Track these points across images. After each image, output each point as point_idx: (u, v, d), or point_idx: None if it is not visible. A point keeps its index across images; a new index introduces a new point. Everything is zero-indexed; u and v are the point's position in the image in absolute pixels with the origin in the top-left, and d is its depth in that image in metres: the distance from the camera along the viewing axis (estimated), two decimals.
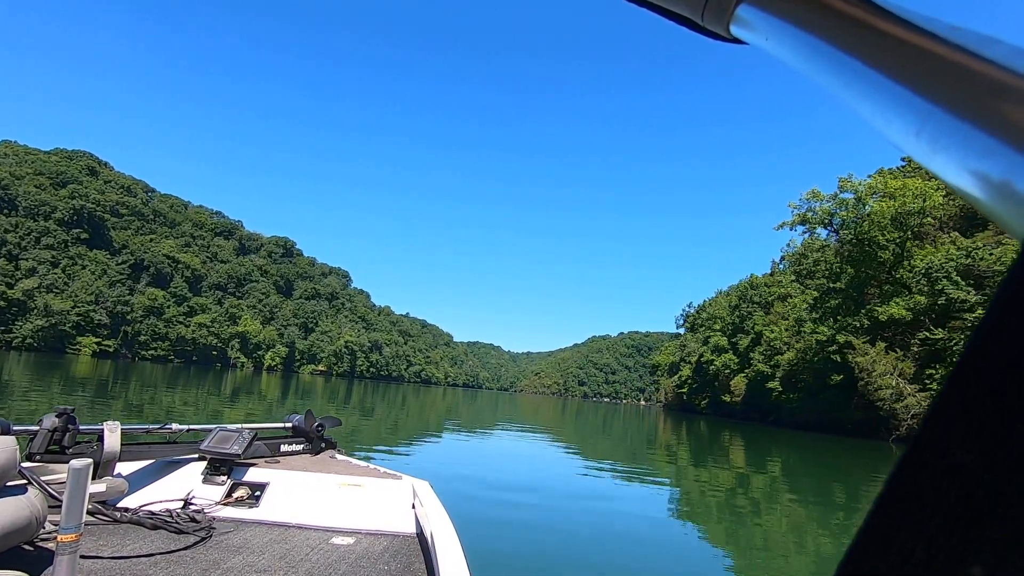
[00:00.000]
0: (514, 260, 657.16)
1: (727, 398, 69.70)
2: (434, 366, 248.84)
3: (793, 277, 59.99)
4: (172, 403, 19.37)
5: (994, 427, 0.14)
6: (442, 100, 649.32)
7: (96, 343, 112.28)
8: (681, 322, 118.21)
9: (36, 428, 2.44)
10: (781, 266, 73.43)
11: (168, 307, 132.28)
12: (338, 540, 2.59)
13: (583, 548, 6.01)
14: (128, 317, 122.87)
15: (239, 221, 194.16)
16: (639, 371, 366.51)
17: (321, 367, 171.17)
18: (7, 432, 2.14)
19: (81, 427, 2.57)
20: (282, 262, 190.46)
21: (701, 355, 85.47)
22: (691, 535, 7.42)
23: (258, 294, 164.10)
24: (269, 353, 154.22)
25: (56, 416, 2.48)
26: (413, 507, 2.92)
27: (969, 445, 0.15)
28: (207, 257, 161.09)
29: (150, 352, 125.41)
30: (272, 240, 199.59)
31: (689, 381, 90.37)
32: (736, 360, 72.28)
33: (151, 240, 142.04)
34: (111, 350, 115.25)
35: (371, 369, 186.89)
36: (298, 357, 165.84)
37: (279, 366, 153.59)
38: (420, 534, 2.73)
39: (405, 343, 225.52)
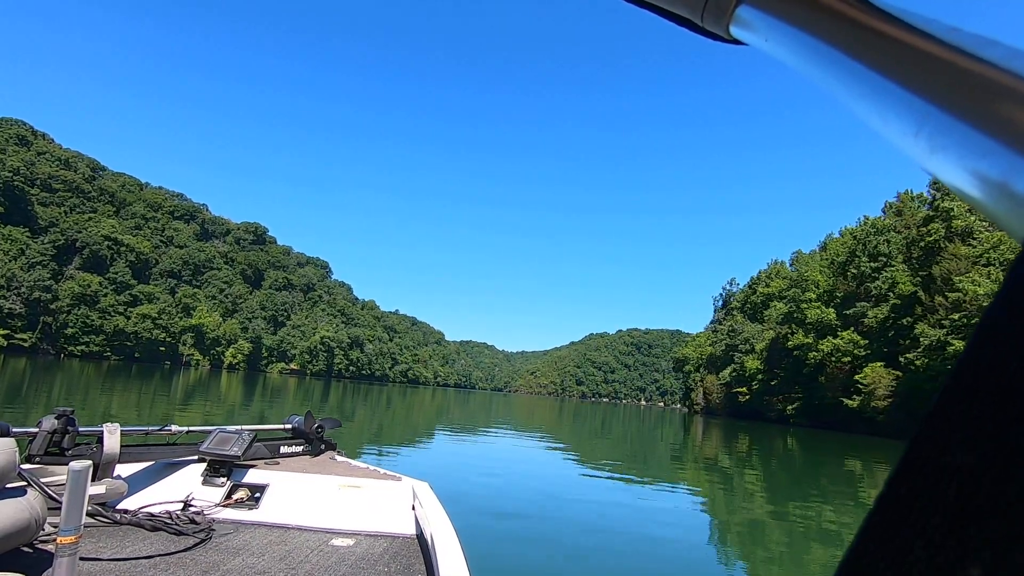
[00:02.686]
0: (508, 259, 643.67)
1: (851, 402, 46.64)
2: (422, 365, 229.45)
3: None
4: (109, 407, 16.62)
5: (993, 427, 0.14)
6: (439, 100, 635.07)
7: (5, 336, 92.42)
8: (720, 304, 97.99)
9: (35, 430, 2.42)
10: (927, 194, 51.08)
11: (105, 295, 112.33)
12: (338, 542, 2.59)
13: (584, 551, 5.90)
14: (52, 306, 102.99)
15: (203, 204, 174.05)
16: (639, 370, 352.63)
17: (293, 365, 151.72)
18: (6, 434, 2.13)
19: (80, 429, 2.56)
20: (251, 249, 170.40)
21: (782, 338, 61.81)
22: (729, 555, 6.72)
23: (219, 283, 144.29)
24: (230, 349, 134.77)
25: (55, 418, 2.46)
26: (413, 508, 2.90)
27: (968, 445, 0.14)
28: (161, 241, 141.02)
29: (79, 348, 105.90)
30: (241, 226, 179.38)
31: (759, 376, 66.64)
32: (863, 341, 49.26)
33: (89, 219, 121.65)
34: (26, 344, 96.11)
35: (351, 368, 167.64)
36: (265, 354, 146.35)
37: (242, 364, 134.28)
38: (420, 535, 2.72)
39: (390, 340, 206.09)
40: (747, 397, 69.50)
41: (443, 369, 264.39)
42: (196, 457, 3.12)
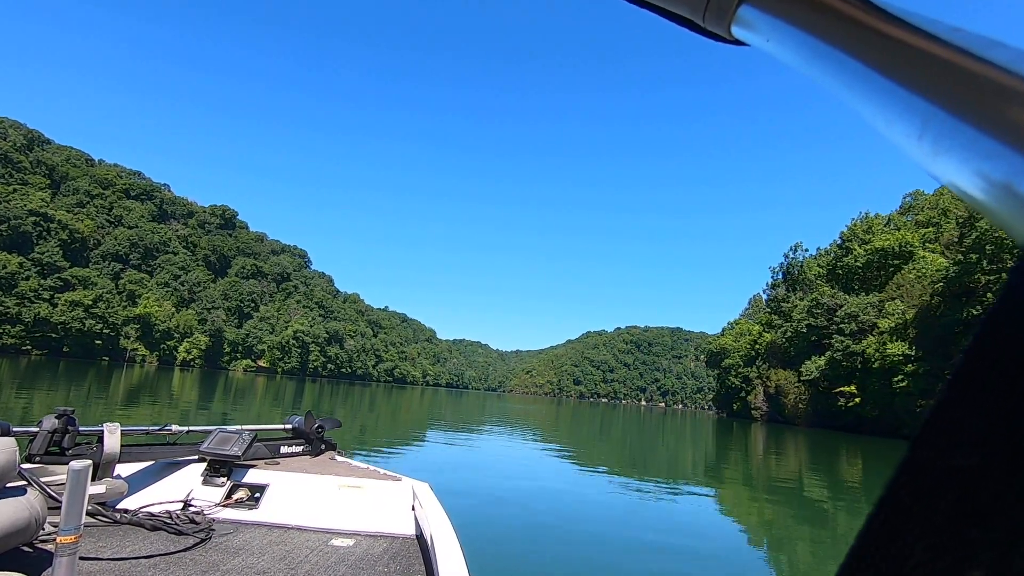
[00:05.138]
0: (503, 258, 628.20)
1: None
2: (410, 363, 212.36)
3: None
4: (28, 410, 13.96)
5: (994, 429, 0.14)
6: (436, 99, 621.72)
7: None
8: (779, 276, 77.16)
9: (36, 429, 2.42)
10: None
11: (26, 278, 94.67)
12: (338, 542, 2.60)
13: (584, 553, 5.82)
14: None
15: (165, 184, 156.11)
16: (640, 369, 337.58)
17: (262, 362, 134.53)
18: (7, 433, 2.13)
19: (81, 428, 2.57)
20: (218, 234, 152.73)
21: (936, 309, 41.88)
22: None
23: (174, 269, 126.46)
24: (184, 344, 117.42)
25: (56, 417, 2.47)
26: (413, 509, 2.91)
27: (970, 446, 0.14)
28: (107, 221, 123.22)
29: None
30: (208, 209, 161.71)
31: (907, 367, 43.41)
32: None
33: (14, 192, 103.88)
34: None
35: (329, 366, 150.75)
36: (227, 349, 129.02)
37: (197, 360, 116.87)
38: (420, 536, 2.73)
39: (375, 335, 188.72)
40: (856, 400, 48.93)
41: (433, 368, 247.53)
42: (196, 457, 3.09)
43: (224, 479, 2.97)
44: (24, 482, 2.02)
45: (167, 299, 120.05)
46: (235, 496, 2.88)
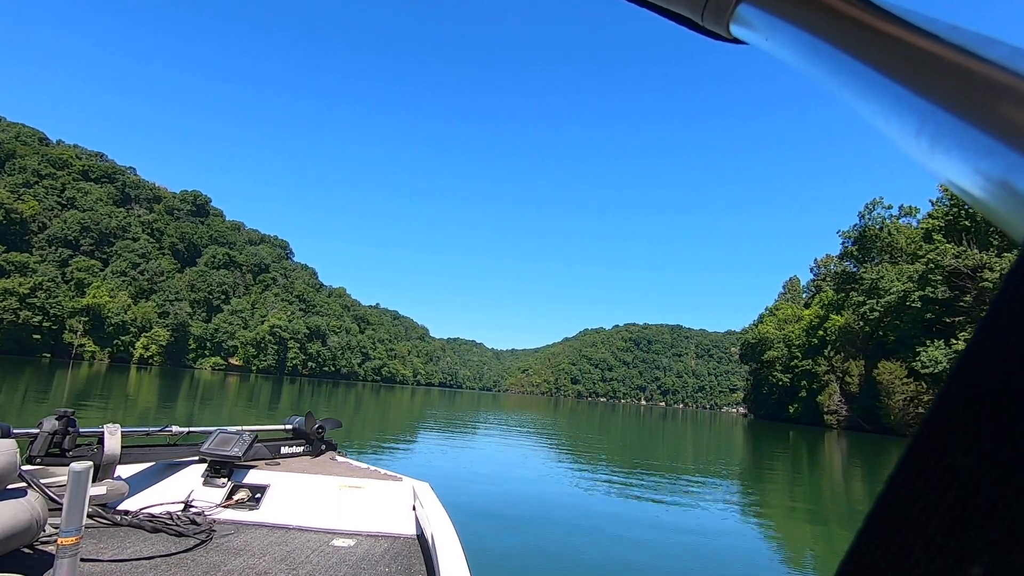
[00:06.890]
0: (497, 257, 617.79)
1: None
2: (400, 361, 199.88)
3: None
4: None
5: (993, 429, 0.14)
6: (433, 101, 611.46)
7: None
8: (849, 243, 61.69)
9: (36, 431, 2.43)
10: None
11: None
12: (339, 542, 2.61)
13: (585, 552, 5.81)
14: None
15: (131, 167, 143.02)
16: (639, 367, 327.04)
17: (234, 360, 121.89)
18: (7, 435, 2.14)
19: (81, 430, 2.58)
20: (188, 221, 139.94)
21: None
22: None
23: (133, 256, 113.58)
24: (142, 339, 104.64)
25: (56, 419, 2.48)
26: (414, 509, 2.92)
27: (968, 447, 0.14)
28: (58, 203, 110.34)
29: None
30: (178, 195, 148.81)
31: None
32: None
33: None
34: None
35: (310, 364, 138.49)
36: (193, 346, 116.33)
37: (157, 358, 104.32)
38: (421, 536, 2.75)
39: (361, 332, 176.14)
40: None
41: (425, 367, 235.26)
42: (197, 458, 3.09)
43: (225, 480, 2.94)
44: (24, 484, 2.01)
45: (123, 289, 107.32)
46: (236, 497, 2.86)
